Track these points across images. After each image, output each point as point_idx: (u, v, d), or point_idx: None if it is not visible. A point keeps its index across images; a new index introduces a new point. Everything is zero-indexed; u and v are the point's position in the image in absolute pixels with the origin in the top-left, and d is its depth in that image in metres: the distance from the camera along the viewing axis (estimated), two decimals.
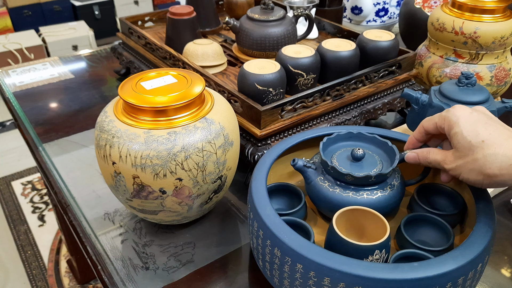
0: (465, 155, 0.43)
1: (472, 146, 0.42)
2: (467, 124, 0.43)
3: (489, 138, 0.42)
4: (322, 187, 0.51)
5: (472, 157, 0.42)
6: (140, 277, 0.54)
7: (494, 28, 0.73)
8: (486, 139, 0.42)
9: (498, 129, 0.43)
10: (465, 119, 0.44)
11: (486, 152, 0.41)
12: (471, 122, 0.44)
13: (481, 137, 0.42)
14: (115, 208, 0.65)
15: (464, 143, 0.43)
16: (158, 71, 0.57)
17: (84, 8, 2.95)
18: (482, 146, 0.41)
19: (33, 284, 1.49)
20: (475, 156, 0.42)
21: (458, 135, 0.43)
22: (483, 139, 0.42)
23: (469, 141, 0.42)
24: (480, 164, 0.41)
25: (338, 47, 0.74)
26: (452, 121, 0.45)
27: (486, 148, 0.41)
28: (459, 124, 0.44)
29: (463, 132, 0.43)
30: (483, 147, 0.41)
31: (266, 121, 0.64)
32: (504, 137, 0.41)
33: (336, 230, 0.45)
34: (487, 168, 0.41)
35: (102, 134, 0.52)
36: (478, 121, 0.43)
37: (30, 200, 1.86)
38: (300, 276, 0.42)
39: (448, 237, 0.49)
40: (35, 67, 1.10)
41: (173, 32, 0.88)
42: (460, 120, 0.44)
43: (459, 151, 0.44)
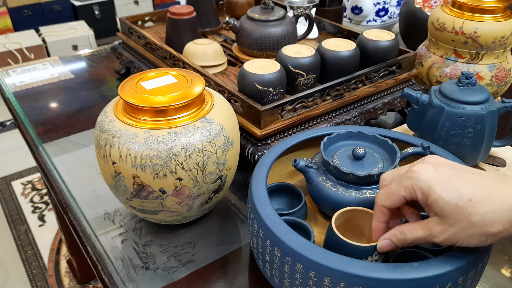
0: (457, 220, 0.37)
1: (460, 209, 0.37)
2: (442, 185, 0.38)
3: (474, 194, 0.37)
4: (324, 186, 0.51)
5: (467, 221, 0.37)
6: (140, 277, 0.54)
7: (494, 28, 0.73)
8: (472, 196, 0.37)
9: (476, 180, 0.38)
10: (436, 180, 0.39)
11: (481, 212, 0.36)
12: (444, 181, 0.38)
13: (465, 196, 0.37)
14: (115, 208, 0.65)
15: (450, 208, 0.37)
16: (158, 71, 0.57)
17: (84, 8, 2.95)
18: (473, 205, 0.37)
19: (33, 284, 1.49)
20: (470, 220, 0.37)
21: (439, 202, 0.38)
22: (470, 198, 0.37)
23: (454, 205, 0.37)
24: (480, 226, 0.37)
25: (338, 47, 0.74)
26: (423, 188, 0.39)
27: (478, 207, 0.37)
28: (433, 189, 0.38)
29: (443, 197, 0.38)
30: (475, 207, 0.37)
31: (266, 121, 0.64)
32: (489, 187, 0.37)
33: (334, 230, 0.44)
34: (490, 228, 0.37)
35: (102, 134, 0.52)
36: (451, 177, 0.39)
37: (30, 200, 1.86)
38: (300, 276, 0.42)
39: None
40: (35, 67, 1.10)
41: (173, 32, 0.88)
42: (432, 183, 0.39)
43: (447, 218, 0.38)
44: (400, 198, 0.41)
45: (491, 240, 0.37)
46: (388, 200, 0.42)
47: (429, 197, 0.39)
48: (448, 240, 0.39)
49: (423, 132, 0.65)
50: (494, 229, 0.36)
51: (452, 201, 0.37)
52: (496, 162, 0.68)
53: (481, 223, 0.37)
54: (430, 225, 0.40)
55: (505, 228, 0.36)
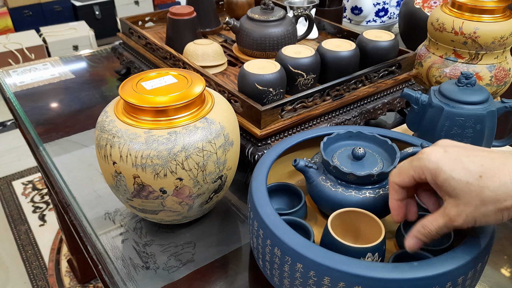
0: (470, 199, 0.37)
1: (472, 186, 0.37)
2: (451, 164, 0.38)
3: (484, 171, 0.37)
4: (324, 186, 0.52)
5: (480, 199, 0.37)
6: (140, 277, 0.54)
7: (493, 28, 0.73)
8: (482, 172, 0.37)
9: (485, 157, 0.38)
10: (445, 160, 0.38)
11: (492, 187, 0.36)
12: (453, 160, 0.38)
13: (475, 173, 0.37)
14: (115, 207, 0.65)
15: (461, 186, 0.37)
16: (159, 71, 0.58)
17: (85, 8, 2.95)
18: (484, 181, 0.36)
19: (34, 284, 1.49)
20: (483, 196, 0.36)
21: (449, 181, 0.38)
22: (480, 174, 0.37)
23: (465, 182, 0.37)
24: (494, 201, 0.36)
25: (338, 47, 0.74)
26: (432, 169, 0.39)
27: (489, 182, 0.36)
28: (442, 169, 0.38)
29: (453, 176, 0.38)
30: (486, 183, 0.36)
31: (266, 121, 0.64)
32: (499, 162, 0.37)
33: (330, 231, 0.45)
34: (503, 202, 0.36)
35: (103, 134, 0.52)
36: (460, 157, 0.38)
37: (30, 199, 1.86)
38: (300, 276, 0.42)
39: (448, 237, 0.49)
40: (36, 67, 1.10)
41: (174, 32, 0.88)
42: (441, 163, 0.38)
43: (460, 198, 0.38)
44: (409, 178, 0.41)
45: (507, 214, 0.37)
46: (398, 178, 0.42)
47: (438, 177, 0.39)
48: (467, 222, 0.38)
49: (423, 132, 0.65)
50: (508, 203, 0.36)
51: (462, 179, 0.37)
52: None
53: (494, 198, 0.36)
54: (446, 210, 0.39)
55: None
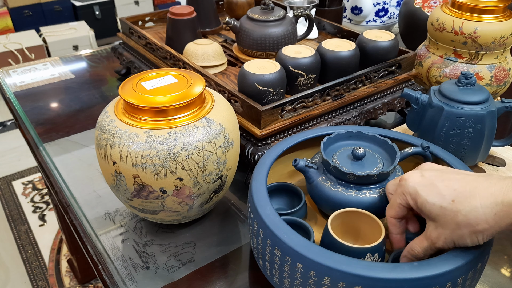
0: (446, 223, 0.39)
1: (446, 211, 0.39)
2: (426, 189, 0.40)
3: (457, 195, 0.38)
4: (324, 186, 0.52)
5: (454, 222, 0.38)
6: (140, 277, 0.54)
7: (493, 28, 0.73)
8: (455, 196, 0.38)
9: (459, 181, 0.40)
10: (421, 185, 0.41)
11: (464, 211, 0.38)
12: (428, 185, 0.40)
13: (448, 198, 0.39)
14: (115, 207, 0.65)
15: (436, 210, 0.39)
16: (159, 71, 0.58)
17: (85, 8, 2.95)
18: (456, 206, 0.38)
19: (34, 284, 1.49)
20: (456, 220, 0.38)
21: (425, 204, 0.40)
22: (452, 199, 0.39)
23: (439, 206, 0.39)
24: (466, 225, 0.38)
25: (338, 47, 0.74)
26: (412, 193, 0.41)
27: (461, 206, 0.38)
28: (419, 193, 0.41)
29: (428, 200, 0.40)
30: (458, 207, 0.38)
31: (266, 121, 0.64)
32: (470, 187, 0.38)
33: (330, 231, 0.45)
34: (475, 226, 0.37)
35: (103, 134, 0.52)
36: (435, 181, 0.40)
37: (30, 199, 1.86)
38: (300, 276, 0.42)
39: None
40: (36, 67, 1.10)
41: (174, 32, 0.88)
42: (418, 188, 0.41)
43: (437, 221, 0.40)
44: (399, 207, 0.44)
45: (482, 237, 0.38)
46: (392, 211, 0.45)
47: (417, 201, 0.41)
48: (447, 243, 0.40)
49: (423, 132, 0.65)
50: (479, 227, 0.37)
51: (436, 203, 0.39)
52: (496, 162, 0.68)
53: (466, 222, 0.38)
54: (428, 233, 0.41)
55: (489, 225, 0.37)
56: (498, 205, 0.37)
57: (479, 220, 0.37)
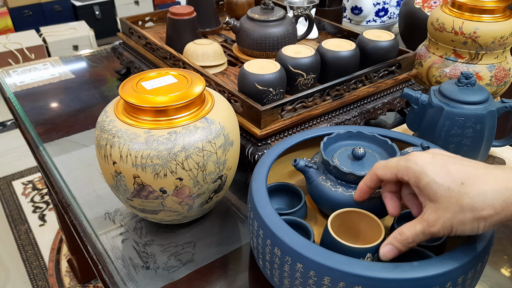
0: (449, 205, 0.37)
1: (453, 192, 0.37)
2: (436, 169, 0.38)
3: (467, 178, 0.37)
4: (324, 186, 0.52)
5: (458, 205, 0.36)
6: (140, 277, 0.54)
7: (493, 28, 0.73)
8: (465, 179, 0.37)
9: (470, 166, 0.38)
10: (431, 165, 0.39)
11: (471, 194, 0.36)
12: (439, 166, 0.38)
13: (458, 179, 0.37)
14: (115, 207, 0.65)
15: (442, 191, 0.37)
16: (159, 71, 0.58)
17: (85, 8, 2.96)
18: (464, 188, 0.36)
19: (34, 284, 1.49)
20: (461, 203, 0.36)
21: (431, 185, 0.38)
22: (462, 181, 0.37)
23: (447, 188, 0.37)
24: (471, 209, 0.36)
25: (338, 47, 0.74)
26: (417, 172, 0.39)
27: (469, 189, 0.36)
28: (427, 173, 0.38)
29: (436, 180, 0.38)
30: (466, 190, 0.36)
31: (266, 121, 0.64)
32: (482, 172, 0.37)
33: (330, 231, 0.45)
34: (480, 211, 0.36)
35: (103, 134, 0.52)
36: (445, 163, 0.38)
37: (30, 199, 1.86)
38: (300, 276, 0.42)
39: None
40: (36, 67, 1.10)
41: (174, 32, 0.88)
42: (426, 167, 0.39)
43: (439, 202, 0.38)
44: (392, 175, 0.42)
45: (483, 225, 0.37)
46: (382, 170, 0.43)
47: (421, 180, 0.39)
48: (444, 228, 0.38)
49: (423, 132, 0.65)
50: (484, 212, 0.36)
51: (444, 184, 0.37)
52: (496, 162, 0.68)
53: (471, 205, 0.36)
54: (425, 215, 0.39)
55: (496, 211, 0.35)
56: (509, 190, 0.35)
57: (485, 205, 0.35)
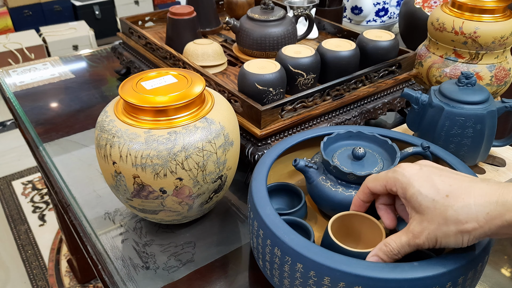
0: (433, 217, 0.38)
1: (437, 204, 0.37)
2: (422, 181, 0.39)
3: (452, 191, 0.37)
4: (324, 186, 0.52)
5: (442, 217, 0.37)
6: (140, 277, 0.54)
7: (494, 28, 0.73)
8: (449, 192, 0.37)
9: (456, 179, 0.38)
10: (417, 177, 0.39)
11: (455, 207, 0.36)
12: (424, 178, 0.39)
13: (443, 192, 0.37)
14: (115, 207, 0.65)
15: (427, 202, 0.38)
16: (159, 71, 0.57)
17: (85, 8, 2.96)
18: (449, 201, 0.37)
19: (34, 284, 1.49)
20: (445, 215, 0.37)
21: (416, 196, 0.39)
22: (447, 193, 0.37)
23: (432, 199, 0.38)
24: (455, 221, 0.36)
25: (338, 47, 0.74)
26: (403, 183, 0.40)
27: (453, 202, 0.37)
28: (412, 184, 0.39)
29: (421, 192, 0.38)
30: (451, 202, 0.37)
31: (266, 121, 0.64)
32: (467, 185, 0.37)
33: (330, 235, 0.44)
34: (464, 224, 0.36)
35: (103, 133, 0.52)
36: (431, 175, 0.39)
37: (30, 199, 1.86)
38: (300, 276, 0.42)
39: None
40: (36, 67, 1.10)
41: (174, 32, 0.88)
42: (412, 178, 0.39)
43: (424, 214, 0.38)
44: (381, 186, 0.43)
45: (467, 238, 0.37)
46: (372, 183, 0.44)
47: (407, 191, 0.40)
48: (429, 240, 0.38)
49: (423, 132, 0.65)
50: (468, 226, 0.36)
51: (429, 195, 0.38)
52: (496, 162, 0.68)
53: (455, 218, 0.36)
54: (410, 227, 0.40)
55: (479, 225, 0.36)
56: (492, 204, 0.35)
57: (469, 218, 0.36)
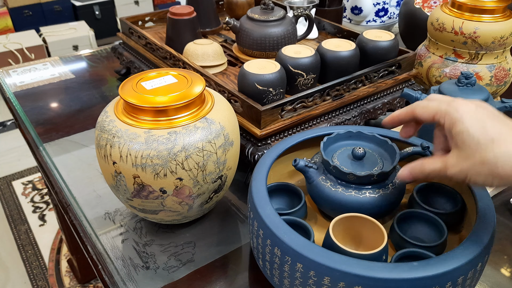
0: (472, 155, 0.38)
1: (480, 145, 0.38)
2: (473, 121, 0.39)
3: (499, 136, 0.37)
4: (324, 186, 0.52)
5: (481, 157, 0.38)
6: (140, 277, 0.54)
7: (493, 28, 0.73)
8: (496, 137, 0.37)
9: (507, 125, 0.38)
10: (470, 116, 0.39)
11: (496, 151, 0.37)
12: (477, 118, 0.39)
13: (490, 135, 0.38)
14: (115, 207, 0.65)
15: (471, 142, 0.38)
16: (159, 71, 0.58)
17: (85, 8, 2.95)
18: (492, 145, 0.37)
19: (34, 284, 1.50)
20: (484, 156, 0.37)
21: (463, 134, 0.39)
22: (493, 137, 0.37)
23: (477, 140, 0.38)
24: (491, 165, 0.37)
25: (338, 47, 0.74)
26: (454, 118, 0.40)
27: (496, 147, 0.37)
28: (463, 121, 0.39)
29: (469, 130, 0.39)
30: (493, 146, 0.37)
31: (266, 121, 0.64)
32: None
33: (332, 237, 0.44)
34: (499, 168, 0.37)
35: (103, 134, 0.52)
36: (485, 118, 0.39)
37: (30, 199, 1.86)
38: (300, 276, 0.42)
39: (441, 233, 0.49)
40: (36, 67, 1.10)
41: (174, 32, 0.88)
42: (465, 116, 0.39)
43: (464, 151, 0.39)
44: (429, 116, 0.43)
45: (497, 182, 0.38)
46: (421, 110, 0.43)
47: (456, 126, 0.40)
48: (458, 174, 0.39)
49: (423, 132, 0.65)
50: (502, 172, 0.37)
51: (475, 136, 0.38)
52: None
53: (493, 161, 0.37)
54: (447, 158, 0.41)
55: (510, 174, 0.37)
56: None
57: (506, 165, 0.37)
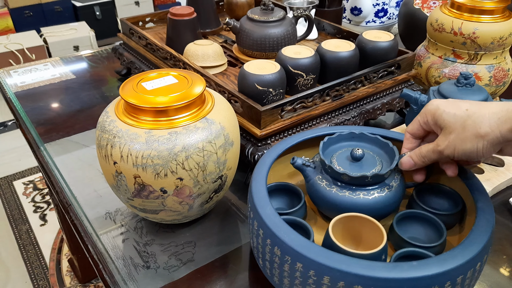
0: (454, 128, 0.45)
1: (458, 117, 0.45)
2: (447, 104, 0.47)
3: (471, 107, 0.45)
4: (320, 186, 0.52)
5: (461, 126, 0.44)
6: (141, 276, 0.54)
7: (493, 29, 0.73)
8: (469, 107, 0.45)
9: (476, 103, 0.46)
10: (444, 103, 0.47)
11: (473, 117, 0.44)
12: (449, 102, 0.47)
13: (463, 108, 0.45)
14: (116, 207, 0.65)
15: (449, 117, 0.45)
16: (159, 72, 0.58)
17: (85, 8, 2.96)
18: (468, 113, 0.44)
19: (35, 283, 1.50)
20: (464, 124, 0.44)
21: (442, 115, 0.46)
22: (467, 108, 0.45)
23: (453, 114, 0.45)
24: (471, 127, 0.44)
25: (337, 48, 0.75)
26: (433, 109, 0.47)
27: (471, 114, 0.44)
28: (440, 108, 0.47)
29: (445, 110, 0.46)
30: (469, 114, 0.44)
31: (266, 121, 0.64)
32: (484, 103, 0.45)
33: (331, 237, 0.45)
34: (478, 129, 0.43)
35: (104, 134, 0.52)
36: (457, 101, 0.47)
37: (31, 199, 1.87)
38: (300, 275, 0.42)
39: (440, 234, 0.49)
40: (37, 68, 1.10)
41: (174, 32, 0.88)
42: (440, 103, 0.47)
43: (447, 128, 0.46)
44: (417, 124, 0.50)
45: (482, 144, 0.43)
46: (409, 127, 0.51)
47: (435, 114, 0.47)
48: (448, 147, 0.46)
49: None
50: (482, 130, 0.43)
51: (451, 111, 0.46)
52: (495, 162, 0.68)
53: (472, 126, 0.44)
54: (437, 139, 0.47)
55: (491, 129, 0.43)
56: (503, 111, 0.43)
57: (483, 124, 0.43)
